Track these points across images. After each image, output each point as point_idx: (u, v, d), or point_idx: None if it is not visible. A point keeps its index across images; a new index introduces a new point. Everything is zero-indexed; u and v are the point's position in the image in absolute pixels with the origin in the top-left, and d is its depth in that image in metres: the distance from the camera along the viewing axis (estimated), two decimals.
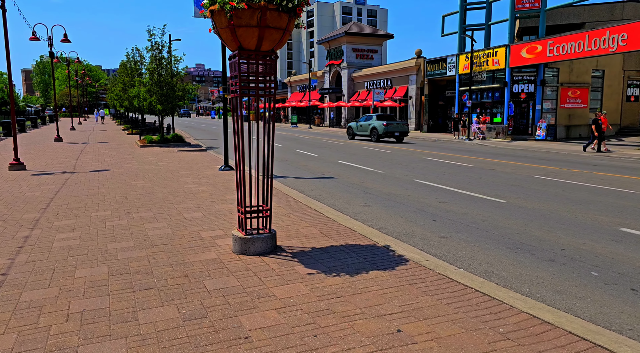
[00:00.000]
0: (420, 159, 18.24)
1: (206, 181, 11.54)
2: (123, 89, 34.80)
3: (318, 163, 16.63)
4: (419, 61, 38.92)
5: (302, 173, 13.97)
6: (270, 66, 5.37)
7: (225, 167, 13.68)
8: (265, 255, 5.45)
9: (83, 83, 76.85)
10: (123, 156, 18.62)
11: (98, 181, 11.73)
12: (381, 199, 9.65)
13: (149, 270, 5.01)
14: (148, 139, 24.00)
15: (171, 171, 13.63)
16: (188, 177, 12.40)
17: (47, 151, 20.51)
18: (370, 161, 17.43)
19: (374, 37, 50.12)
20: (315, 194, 10.15)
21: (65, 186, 11.09)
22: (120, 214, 7.85)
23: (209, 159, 17.30)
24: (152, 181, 11.65)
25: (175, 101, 24.04)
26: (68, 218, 7.60)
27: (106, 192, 10.13)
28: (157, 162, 16.28)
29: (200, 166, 14.83)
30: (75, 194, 9.89)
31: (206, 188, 10.58)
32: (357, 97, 48.23)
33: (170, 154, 19.16)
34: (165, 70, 23.46)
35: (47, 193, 10.13)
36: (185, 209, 8.18)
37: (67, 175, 13.08)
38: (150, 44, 23.15)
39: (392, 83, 43.21)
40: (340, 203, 9.23)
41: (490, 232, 6.93)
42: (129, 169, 14.31)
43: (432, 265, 4.97)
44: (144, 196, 9.58)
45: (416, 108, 40.07)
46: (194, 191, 10.08)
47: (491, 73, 31.04)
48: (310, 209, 8.09)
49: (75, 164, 15.95)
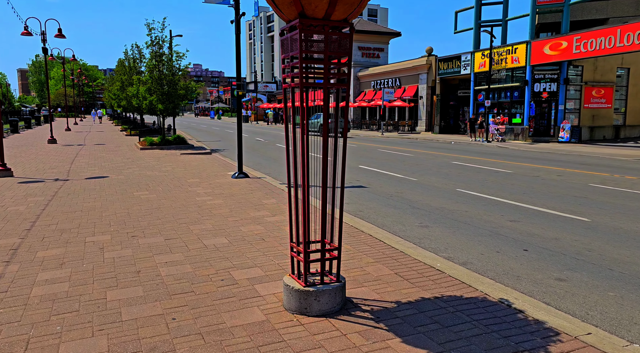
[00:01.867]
0: (447, 163, 16.63)
1: (221, 192, 9.89)
2: (121, 88, 33.09)
3: None
4: (430, 59, 37.32)
5: None
6: (344, 42, 3.75)
7: (239, 174, 12.02)
8: (334, 315, 3.81)
9: (79, 83, 74.99)
10: (122, 159, 16.95)
11: (95, 192, 10.07)
12: (437, 217, 8.03)
13: (170, 344, 3.37)
14: (148, 141, 22.33)
15: (178, 179, 11.98)
16: (198, 186, 10.75)
17: (39, 154, 18.82)
18: (393, 165, 15.81)
19: (380, 34, 48.49)
20: (355, 210, 8.52)
21: (56, 197, 9.43)
22: (122, 240, 6.20)
23: (217, 163, 15.65)
24: (158, 192, 9.99)
25: (178, 100, 22.36)
26: (56, 246, 5.94)
27: (104, 206, 8.47)
28: (160, 167, 14.63)
29: (210, 173, 13.18)
30: (67, 209, 8.23)
31: (223, 201, 8.93)
32: (363, 97, 46.59)
33: (173, 158, 17.50)
34: (166, 67, 21.78)
35: (34, 207, 8.46)
36: (203, 233, 6.53)
37: (60, 183, 11.42)
38: (150, 39, 21.48)
39: (400, 82, 41.60)
40: (392, 223, 7.60)
41: (616, 271, 5.29)
42: (130, 175, 12.66)
43: (607, 346, 3.29)
44: (150, 212, 7.93)
45: (427, 108, 38.46)
46: (210, 206, 8.43)
47: (510, 71, 29.46)
48: (362, 234, 6.46)
49: (70, 169, 14.28)
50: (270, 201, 8.80)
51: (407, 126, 39.38)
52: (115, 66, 35.41)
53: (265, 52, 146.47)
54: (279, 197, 9.27)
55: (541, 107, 28.36)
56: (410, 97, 39.47)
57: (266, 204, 8.51)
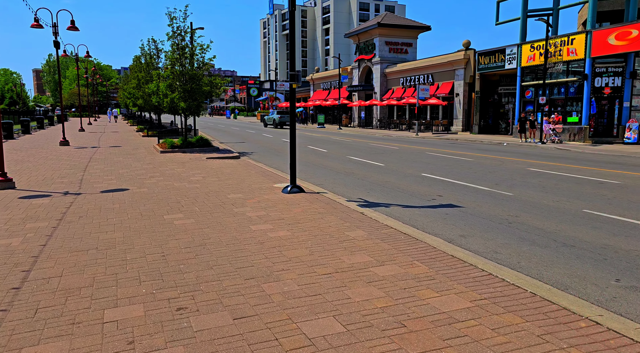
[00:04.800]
0: (525, 171, 13.99)
1: (280, 216, 7.42)
2: (137, 86, 30.91)
3: (399, 178, 12.48)
4: (467, 54, 34.53)
5: (400, 196, 9.82)
6: None
7: (293, 188, 9.54)
8: None
9: (93, 82, 73.40)
10: (142, 165, 14.63)
11: (113, 213, 7.69)
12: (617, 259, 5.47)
13: None
14: (169, 143, 20.02)
15: (215, 193, 9.57)
16: (245, 205, 8.31)
17: (49, 159, 16.59)
18: (463, 174, 13.22)
19: (409, 29, 45.73)
20: (485, 249, 6.00)
21: (63, 223, 7.06)
22: (163, 320, 3.76)
23: (254, 171, 13.22)
24: (195, 215, 7.57)
25: (202, 97, 20.02)
26: (54, 335, 3.52)
27: (128, 240, 6.06)
28: (188, 176, 12.25)
29: (251, 184, 10.74)
30: (77, 245, 5.83)
31: (289, 232, 6.46)
32: (391, 94, 43.94)
33: (200, 163, 15.13)
34: (189, 61, 19.42)
35: (33, 240, 6.09)
36: (290, 303, 4.06)
37: (70, 198, 9.09)
38: (171, 29, 19.16)
39: (433, 79, 38.86)
40: (563, 276, 5.06)
41: None
42: (154, 188, 10.29)
43: None
44: (194, 253, 5.50)
45: (464, 107, 35.68)
46: (275, 242, 5.96)
47: (565, 65, 26.61)
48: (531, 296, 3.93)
49: (82, 178, 11.98)
50: (358, 235, 6.30)
51: (441, 125, 36.64)
52: (131, 63, 33.24)
53: (280, 50, 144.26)
54: (365, 226, 6.77)
55: (600, 104, 25.48)
56: (444, 94, 36.72)
57: (356, 240, 6.01)
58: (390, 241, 5.92)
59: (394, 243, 5.81)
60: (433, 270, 4.85)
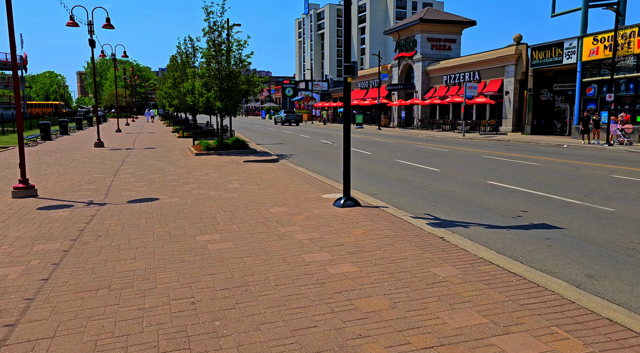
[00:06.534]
0: (609, 177, 12.02)
1: (338, 241, 5.94)
2: (173, 86, 30.22)
3: (463, 187, 10.80)
4: (519, 48, 32.10)
5: (475, 211, 8.18)
6: None
7: (347, 201, 8.05)
8: None
9: (132, 83, 74.30)
10: (175, 169, 13.51)
11: (137, 232, 6.42)
12: None
13: None
14: (204, 144, 18.93)
15: (255, 205, 8.21)
16: (292, 223, 6.89)
17: (80, 162, 15.76)
18: (530, 180, 11.40)
19: (452, 24, 43.42)
20: (619, 297, 4.35)
21: (78, 245, 5.84)
22: None
23: (297, 177, 11.82)
24: (234, 235, 6.20)
25: (239, 96, 18.83)
26: None
27: (150, 275, 4.74)
28: (224, 182, 10.98)
29: (297, 194, 9.33)
30: (85, 282, 4.55)
31: (355, 266, 4.97)
32: (433, 93, 41.82)
33: (236, 168, 13.88)
34: (225, 58, 18.26)
35: (35, 271, 4.87)
36: None
37: (92, 210, 7.94)
38: (207, 25, 18.05)
39: (480, 76, 36.53)
40: None
41: None
42: (187, 197, 9.04)
43: None
44: (233, 299, 4.09)
45: (514, 105, 33.25)
46: (339, 282, 4.49)
47: (635, 58, 23.98)
48: None
49: (111, 184, 10.91)
50: (448, 273, 4.74)
51: (488, 125, 34.32)
52: (168, 63, 32.63)
53: (315, 50, 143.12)
54: (452, 258, 5.20)
55: None
56: (493, 92, 34.38)
57: (450, 284, 4.45)
58: (499, 287, 4.34)
59: (507, 291, 4.22)
60: (591, 347, 3.26)
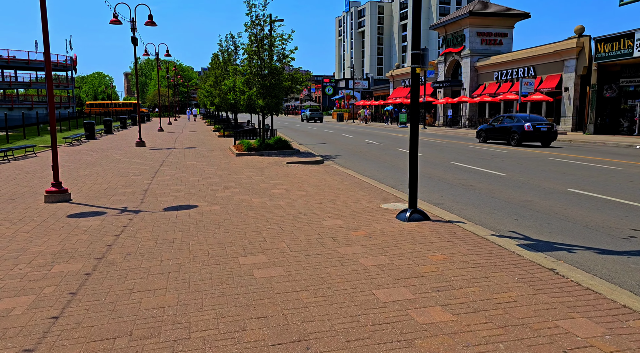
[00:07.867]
0: None
1: (415, 270, 4.75)
2: (214, 84, 29.75)
3: (541, 196, 9.32)
4: (581, 41, 29.66)
5: (572, 228, 6.77)
6: None
7: (413, 213, 6.81)
8: None
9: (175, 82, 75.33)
10: (216, 171, 12.67)
11: (172, 251, 5.46)
12: None
13: None
14: (245, 144, 18.10)
15: (305, 216, 7.13)
16: (352, 241, 5.75)
17: (120, 162, 15.24)
18: (620, 187, 9.76)
19: (504, 17, 41.01)
20: None
21: (101, 267, 4.94)
22: None
23: (347, 182, 10.67)
24: (285, 258, 5.13)
25: (282, 94, 17.88)
26: None
27: (181, 316, 3.71)
28: (268, 187, 9.98)
29: (351, 203, 8.18)
30: (102, 324, 3.57)
31: (450, 313, 3.77)
32: (482, 90, 39.64)
33: (280, 170, 12.90)
34: (267, 54, 17.32)
35: (44, 305, 3.96)
36: None
37: (125, 219, 7.09)
38: (249, 19, 17.18)
39: (535, 72, 34.16)
40: None
41: None
42: (228, 204, 8.08)
43: None
44: None
45: (574, 103, 30.79)
46: (433, 340, 3.30)
47: None
48: None
49: (148, 188, 10.14)
50: (588, 330, 3.45)
51: None
52: (210, 61, 32.23)
53: (355, 48, 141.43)
54: (583, 305, 3.90)
55: None
56: (550, 89, 32.02)
57: (599, 350, 3.17)
58: None
59: None
60: None
